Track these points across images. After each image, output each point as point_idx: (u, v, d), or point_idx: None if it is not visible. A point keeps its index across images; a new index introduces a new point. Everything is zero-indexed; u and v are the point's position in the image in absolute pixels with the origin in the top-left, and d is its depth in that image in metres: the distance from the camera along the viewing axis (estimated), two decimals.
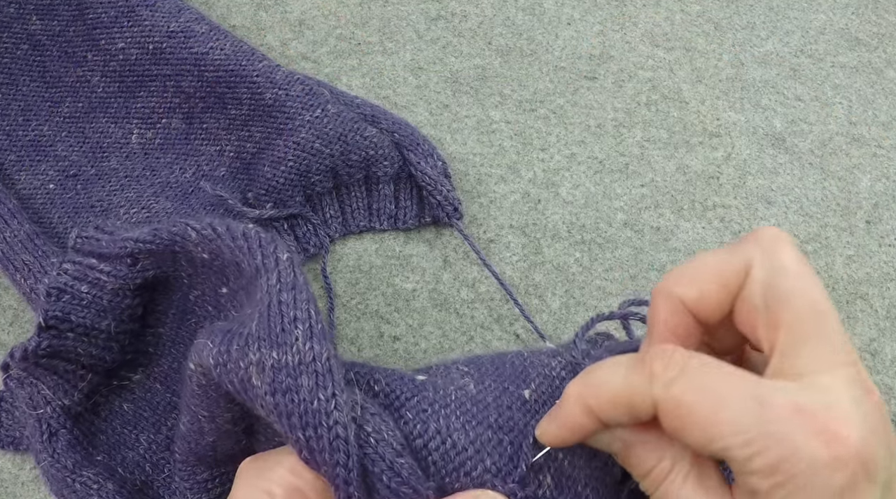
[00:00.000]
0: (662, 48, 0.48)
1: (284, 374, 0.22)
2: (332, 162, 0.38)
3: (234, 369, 0.23)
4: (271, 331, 0.23)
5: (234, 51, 0.40)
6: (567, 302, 0.38)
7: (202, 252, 0.28)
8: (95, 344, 0.31)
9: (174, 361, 0.33)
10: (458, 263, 0.39)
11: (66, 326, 0.30)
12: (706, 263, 0.21)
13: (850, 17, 0.50)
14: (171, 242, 0.29)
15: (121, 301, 0.31)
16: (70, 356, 0.31)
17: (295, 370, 0.22)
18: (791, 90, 0.46)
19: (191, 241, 0.28)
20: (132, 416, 0.33)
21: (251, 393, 0.22)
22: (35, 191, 0.40)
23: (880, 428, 0.19)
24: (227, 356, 0.23)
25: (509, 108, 0.45)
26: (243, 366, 0.23)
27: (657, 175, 0.43)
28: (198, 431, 0.27)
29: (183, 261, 0.30)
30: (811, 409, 0.18)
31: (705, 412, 0.19)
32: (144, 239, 0.30)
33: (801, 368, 0.19)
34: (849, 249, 0.41)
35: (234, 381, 0.23)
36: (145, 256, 0.30)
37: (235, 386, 0.23)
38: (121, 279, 0.30)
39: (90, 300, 0.31)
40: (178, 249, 0.29)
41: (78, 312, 0.31)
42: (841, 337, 0.19)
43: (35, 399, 0.31)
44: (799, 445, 0.18)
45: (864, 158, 0.44)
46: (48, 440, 0.31)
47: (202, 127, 0.41)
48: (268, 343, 0.23)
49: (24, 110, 0.42)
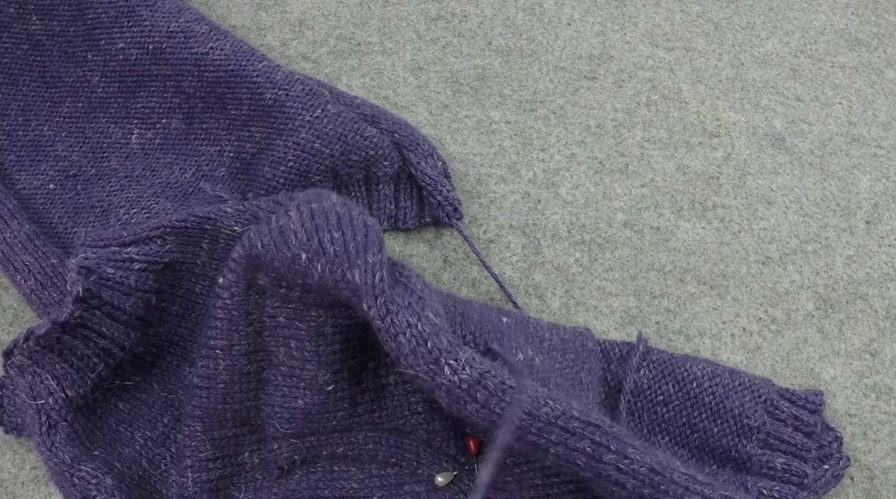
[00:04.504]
0: (662, 48, 0.47)
1: None
2: (332, 162, 0.38)
3: (273, 228, 0.26)
4: (308, 196, 0.26)
5: (234, 51, 0.40)
6: (567, 302, 0.38)
7: (234, 225, 0.30)
8: (117, 326, 0.32)
9: (172, 360, 0.33)
10: (458, 263, 0.39)
11: (95, 301, 0.31)
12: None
13: (850, 17, 0.50)
14: (204, 218, 0.31)
15: (144, 282, 0.32)
16: (91, 336, 0.31)
17: (330, 208, 0.26)
18: (791, 90, 0.46)
19: (227, 215, 0.31)
20: (128, 414, 0.33)
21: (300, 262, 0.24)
22: (35, 191, 0.40)
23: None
24: (266, 225, 0.26)
25: (509, 109, 0.45)
26: (282, 222, 0.25)
27: (657, 175, 0.43)
28: (212, 376, 0.28)
29: (204, 244, 0.32)
30: None
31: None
32: (179, 218, 0.32)
33: None
34: (849, 249, 0.41)
35: (273, 237, 0.25)
36: (173, 238, 0.32)
37: (275, 242, 0.25)
38: (150, 257, 0.32)
39: (117, 280, 0.32)
40: (209, 227, 0.31)
41: (106, 290, 0.32)
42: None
43: (36, 389, 0.31)
44: None
45: (864, 158, 0.44)
46: (47, 433, 0.31)
47: (202, 127, 0.41)
48: (305, 201, 0.26)
49: (24, 110, 0.42)
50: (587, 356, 0.33)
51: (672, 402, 0.33)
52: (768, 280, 0.40)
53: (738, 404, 0.33)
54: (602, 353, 0.34)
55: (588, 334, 0.34)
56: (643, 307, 0.39)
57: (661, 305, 0.39)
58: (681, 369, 0.34)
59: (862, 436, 0.36)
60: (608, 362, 0.34)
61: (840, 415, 0.37)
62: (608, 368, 0.34)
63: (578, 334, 0.34)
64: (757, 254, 0.40)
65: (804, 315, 0.39)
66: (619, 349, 0.35)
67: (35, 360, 0.31)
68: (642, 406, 0.34)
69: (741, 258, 0.40)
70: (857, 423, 0.36)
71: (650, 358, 0.34)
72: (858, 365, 0.38)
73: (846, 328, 0.39)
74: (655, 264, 0.40)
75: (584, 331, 0.35)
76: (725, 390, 0.33)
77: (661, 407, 0.33)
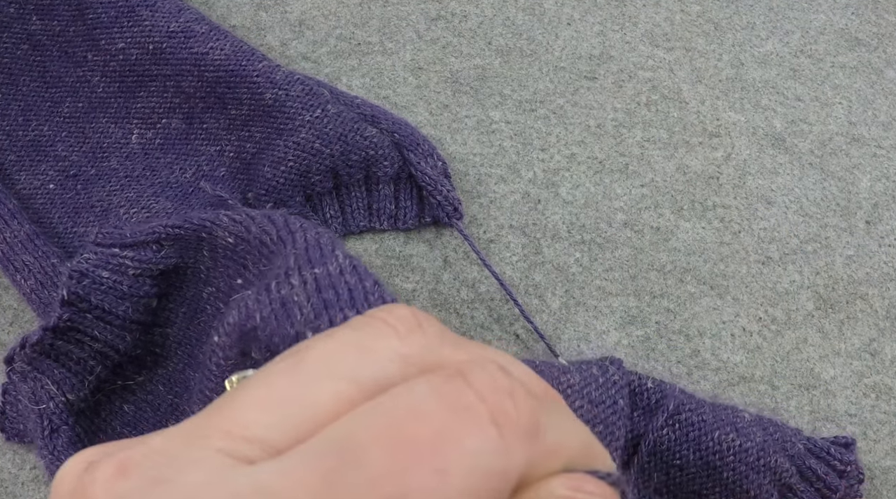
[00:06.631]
0: (662, 48, 0.47)
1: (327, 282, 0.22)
2: (332, 162, 0.38)
3: (274, 298, 0.23)
4: (310, 254, 0.23)
5: (234, 51, 0.40)
6: (567, 302, 0.38)
7: (228, 236, 0.29)
8: (110, 330, 0.32)
9: (179, 362, 0.33)
10: (458, 263, 0.39)
11: (84, 305, 0.31)
12: None
13: (850, 17, 0.50)
14: (200, 226, 0.30)
15: (139, 288, 0.32)
16: (85, 340, 0.31)
17: (338, 278, 0.22)
18: (791, 90, 0.46)
19: (221, 225, 0.29)
20: (132, 417, 0.33)
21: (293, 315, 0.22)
22: (35, 191, 0.40)
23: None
24: (266, 294, 0.23)
25: (509, 108, 0.45)
26: (283, 292, 0.22)
27: (657, 175, 0.43)
28: None
29: (205, 250, 0.31)
30: None
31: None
32: (174, 224, 0.31)
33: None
34: (849, 249, 0.41)
35: (275, 309, 0.23)
36: (171, 243, 0.31)
37: (276, 315, 0.22)
38: (144, 264, 0.31)
39: (110, 285, 0.32)
40: (205, 236, 0.30)
41: (97, 294, 0.31)
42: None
43: (38, 394, 0.31)
44: None
45: (864, 158, 0.44)
46: (49, 437, 0.31)
47: (202, 127, 0.41)
48: (308, 264, 0.23)
49: (24, 110, 0.42)
50: (616, 421, 0.31)
51: (688, 468, 0.32)
52: (768, 280, 0.40)
53: (755, 487, 0.32)
54: (630, 393, 0.32)
55: (620, 382, 0.32)
56: (643, 307, 0.39)
57: (661, 305, 0.39)
58: (707, 437, 0.32)
59: (862, 436, 0.36)
60: (633, 408, 0.32)
61: (840, 415, 0.37)
62: (631, 415, 0.32)
63: (610, 386, 0.32)
64: (757, 254, 0.40)
65: (804, 315, 0.39)
66: (650, 395, 0.33)
67: (35, 365, 0.31)
68: (655, 465, 0.32)
69: (741, 258, 0.40)
70: (857, 423, 0.36)
71: (678, 418, 0.32)
72: (858, 365, 0.38)
73: (846, 328, 0.39)
74: (655, 264, 0.40)
75: (615, 372, 0.32)
76: (747, 469, 0.32)
77: (676, 471, 0.32)
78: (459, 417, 0.15)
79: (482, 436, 0.15)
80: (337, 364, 0.17)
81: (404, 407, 0.15)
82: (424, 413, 0.15)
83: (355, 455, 0.15)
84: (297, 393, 0.16)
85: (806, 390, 0.37)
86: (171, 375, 0.33)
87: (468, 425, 0.15)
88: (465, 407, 0.15)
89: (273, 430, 0.16)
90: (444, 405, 0.15)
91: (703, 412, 0.33)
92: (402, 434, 0.15)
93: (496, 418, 0.15)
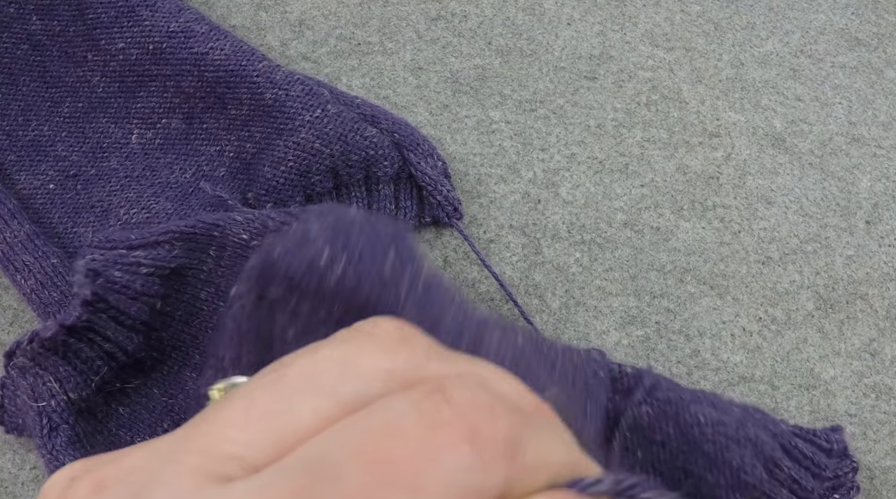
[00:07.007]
0: (662, 48, 0.47)
1: None
2: (332, 162, 0.38)
3: (296, 230, 0.24)
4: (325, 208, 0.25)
5: (234, 51, 0.40)
6: (567, 302, 0.38)
7: (243, 232, 0.30)
8: (121, 331, 0.32)
9: (174, 365, 0.33)
10: (458, 263, 0.39)
11: (102, 305, 0.31)
12: None
13: (850, 17, 0.50)
14: (213, 225, 0.31)
15: (150, 287, 0.32)
16: (96, 340, 0.31)
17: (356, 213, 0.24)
18: (791, 90, 0.46)
19: (235, 223, 0.30)
20: (128, 418, 0.33)
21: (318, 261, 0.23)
22: (35, 191, 0.40)
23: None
24: (286, 231, 0.24)
25: (509, 109, 0.45)
26: (303, 227, 0.24)
27: (657, 175, 0.43)
28: None
29: (211, 250, 0.31)
30: None
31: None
32: (189, 223, 0.32)
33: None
34: (849, 249, 0.41)
35: (295, 240, 0.24)
36: (181, 243, 0.32)
37: (295, 246, 0.24)
38: (158, 262, 0.32)
39: (123, 284, 0.32)
40: (217, 235, 0.31)
41: (112, 293, 0.32)
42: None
43: (38, 391, 0.31)
44: None
45: (864, 158, 0.44)
46: (48, 435, 0.31)
47: (202, 127, 0.41)
48: (328, 211, 0.24)
49: (24, 110, 0.42)
50: (596, 386, 0.32)
51: (670, 443, 0.32)
52: (768, 280, 0.40)
53: (737, 457, 0.31)
54: (611, 380, 0.33)
55: (601, 362, 0.33)
56: (643, 307, 0.39)
57: (661, 305, 0.39)
58: (685, 412, 0.32)
59: (862, 436, 0.36)
60: (614, 392, 0.33)
61: (840, 415, 0.37)
62: (612, 398, 0.33)
63: (591, 361, 0.33)
64: (757, 254, 0.40)
65: (804, 315, 0.39)
66: (629, 380, 0.33)
67: (37, 362, 0.31)
68: (638, 443, 0.32)
69: (741, 258, 0.40)
70: (857, 423, 0.36)
71: (656, 395, 0.32)
72: (858, 365, 0.38)
73: (846, 328, 0.39)
74: (655, 264, 0.40)
75: (598, 356, 0.33)
76: (727, 440, 0.32)
77: (658, 447, 0.32)
78: (436, 433, 0.15)
79: (458, 453, 0.15)
80: (319, 379, 0.17)
81: (381, 424, 0.15)
82: (401, 430, 0.15)
83: (331, 473, 0.15)
84: (277, 408, 0.16)
85: (806, 390, 0.37)
86: (167, 377, 0.33)
87: (444, 442, 0.15)
88: (443, 423, 0.15)
89: (252, 447, 0.16)
90: (421, 422, 0.15)
91: (681, 391, 0.33)
92: (377, 451, 0.15)
93: (473, 435, 0.15)
